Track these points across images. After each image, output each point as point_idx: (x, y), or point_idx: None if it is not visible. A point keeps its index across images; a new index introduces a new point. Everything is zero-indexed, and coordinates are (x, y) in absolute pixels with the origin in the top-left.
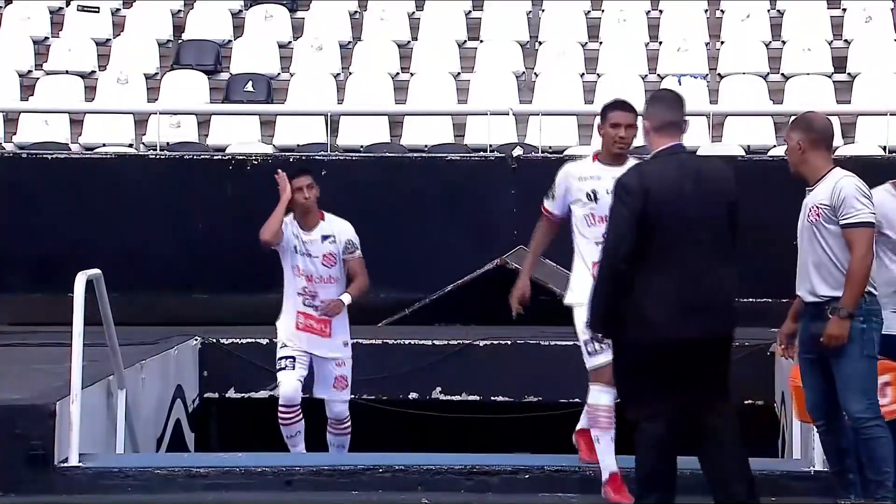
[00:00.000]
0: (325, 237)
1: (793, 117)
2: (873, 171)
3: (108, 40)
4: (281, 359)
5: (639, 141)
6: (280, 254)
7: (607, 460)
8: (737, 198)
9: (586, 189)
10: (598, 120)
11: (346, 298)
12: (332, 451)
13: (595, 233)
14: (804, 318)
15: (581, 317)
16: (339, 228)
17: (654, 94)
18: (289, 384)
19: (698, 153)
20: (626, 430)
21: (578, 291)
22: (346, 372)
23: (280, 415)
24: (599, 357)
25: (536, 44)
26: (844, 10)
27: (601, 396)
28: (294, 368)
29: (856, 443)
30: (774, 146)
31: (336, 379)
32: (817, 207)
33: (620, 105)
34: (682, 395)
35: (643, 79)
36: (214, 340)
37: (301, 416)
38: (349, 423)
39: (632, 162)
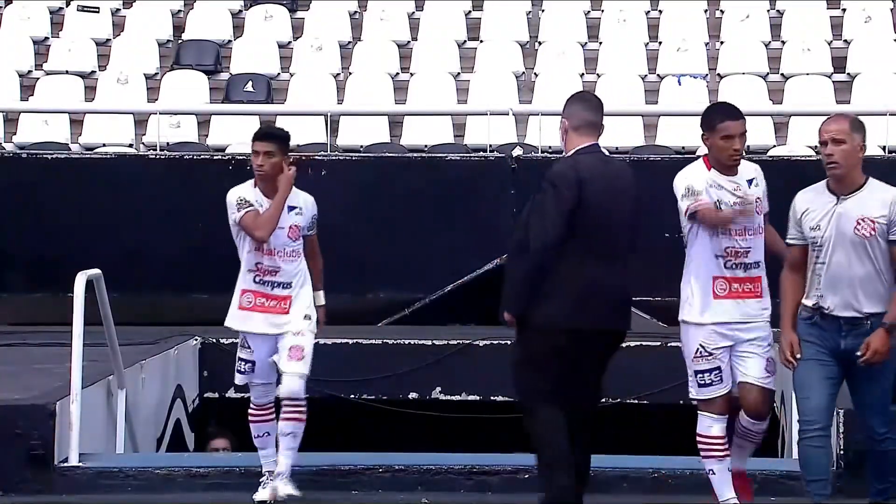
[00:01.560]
0: (290, 207)
1: (839, 115)
2: (873, 171)
3: (108, 40)
4: (241, 360)
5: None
6: (234, 233)
7: (726, 493)
8: (640, 195)
9: (713, 198)
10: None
11: (322, 298)
12: (281, 442)
13: (719, 244)
14: (827, 330)
15: (687, 337)
16: (304, 200)
17: (576, 95)
18: (257, 390)
19: (698, 153)
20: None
21: (697, 311)
22: (305, 343)
23: (250, 411)
24: (712, 389)
25: (536, 44)
26: (844, 10)
27: (713, 426)
28: (255, 372)
29: (872, 456)
30: (774, 146)
31: (291, 349)
32: (872, 221)
33: (730, 113)
34: (577, 384)
35: (643, 79)
36: (214, 340)
37: (273, 415)
38: (303, 407)
39: (743, 164)
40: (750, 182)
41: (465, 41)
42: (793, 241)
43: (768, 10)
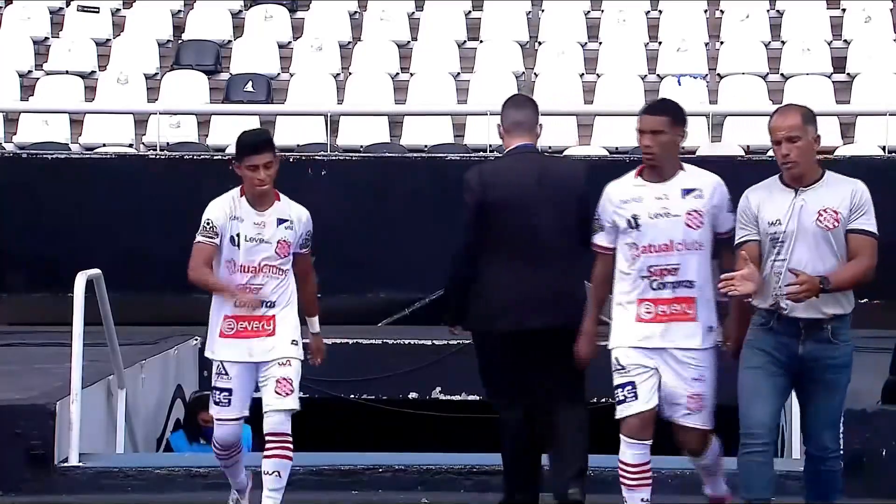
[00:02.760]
0: (281, 221)
1: (788, 109)
2: (873, 171)
3: (108, 40)
4: (217, 390)
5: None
6: None
7: None
8: (585, 193)
9: (626, 214)
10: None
11: (316, 325)
12: (265, 482)
13: (640, 267)
14: (783, 334)
15: (614, 357)
16: (297, 213)
17: (509, 98)
18: (225, 428)
19: (697, 153)
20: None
21: (618, 335)
22: (293, 374)
23: (216, 452)
24: (624, 407)
25: (536, 44)
26: (844, 10)
27: (625, 451)
28: (230, 405)
29: (813, 474)
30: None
31: (278, 382)
32: (835, 212)
33: (647, 108)
34: (531, 388)
35: (643, 79)
36: None
37: (240, 452)
38: (290, 444)
39: (689, 171)
40: (687, 192)
41: (465, 41)
42: (746, 238)
43: (768, 11)
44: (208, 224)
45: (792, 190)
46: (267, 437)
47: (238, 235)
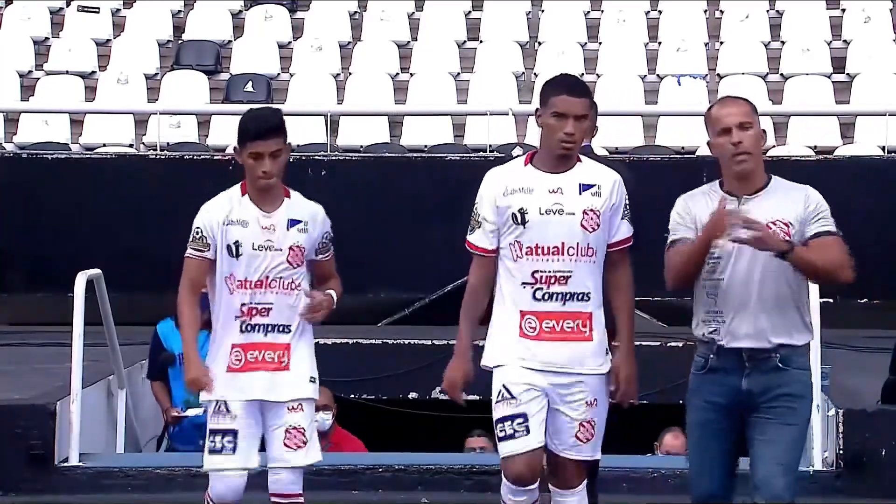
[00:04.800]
0: (293, 222)
1: (729, 97)
2: (873, 171)
3: (108, 40)
4: (216, 433)
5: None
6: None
7: None
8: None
9: (513, 207)
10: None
11: (333, 296)
12: None
13: (524, 270)
14: (722, 370)
15: (499, 381)
16: (311, 212)
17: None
18: (229, 482)
19: (697, 153)
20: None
21: (499, 351)
22: (306, 422)
23: None
24: (511, 444)
25: (536, 44)
26: (843, 10)
27: (510, 499)
28: (235, 451)
29: None
30: (773, 146)
31: (288, 432)
32: (786, 225)
33: (566, 86)
34: None
35: (642, 79)
36: None
37: None
38: None
39: (587, 164)
40: (586, 188)
41: (464, 41)
42: (684, 238)
43: (768, 11)
44: (198, 233)
45: (734, 199)
46: (273, 499)
47: (237, 243)
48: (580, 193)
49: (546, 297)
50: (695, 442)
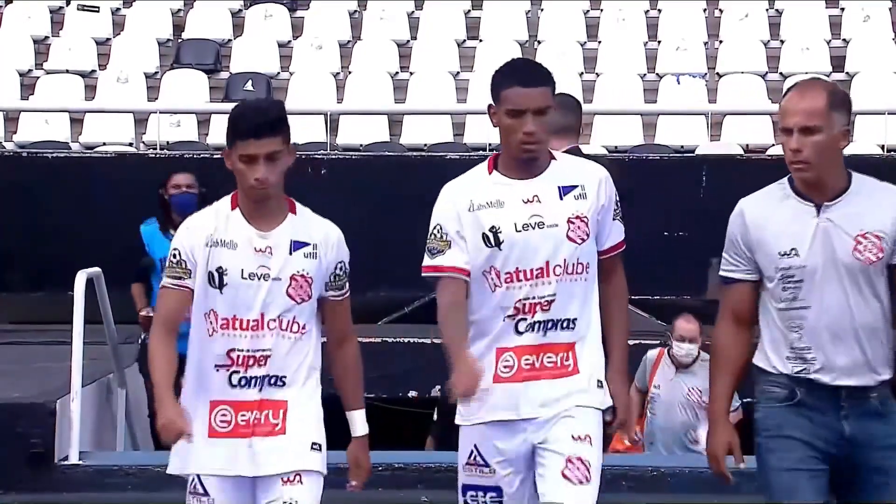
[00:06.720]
0: (297, 244)
1: (811, 85)
2: (872, 170)
3: (108, 39)
4: None
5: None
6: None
7: None
8: None
9: (483, 225)
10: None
11: (360, 425)
12: None
13: (506, 301)
14: (817, 411)
15: (461, 438)
16: (324, 233)
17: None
18: None
19: (697, 152)
20: None
21: (474, 403)
22: (306, 498)
23: None
24: None
25: (535, 43)
26: (843, 9)
27: None
28: None
29: None
30: (773, 145)
31: None
32: (878, 238)
33: (517, 76)
34: None
35: (642, 78)
36: None
37: None
38: None
39: (563, 161)
40: (567, 191)
41: (464, 40)
42: (736, 274)
43: (767, 10)
44: (175, 256)
45: (811, 205)
46: None
47: (221, 270)
48: (561, 198)
49: (527, 328)
50: (784, 485)
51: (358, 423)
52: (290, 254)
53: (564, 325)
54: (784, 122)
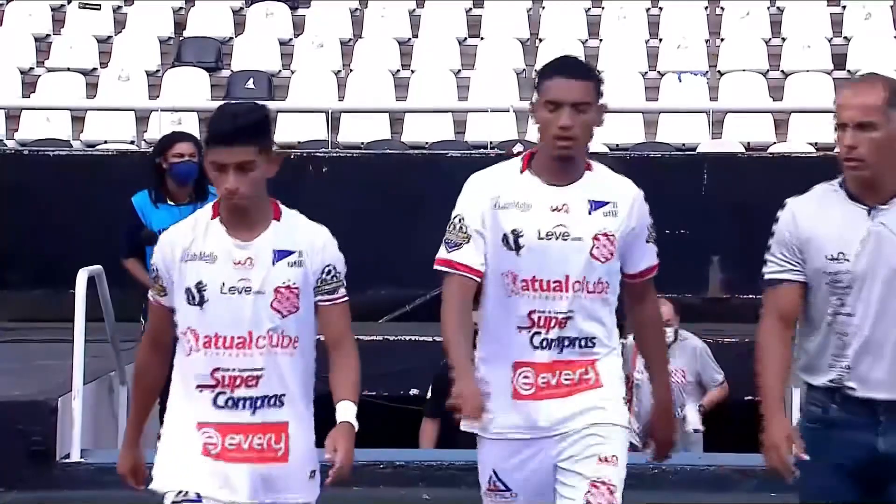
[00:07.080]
0: (280, 254)
1: (868, 80)
2: None
3: (109, 37)
4: None
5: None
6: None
7: None
8: None
9: (505, 226)
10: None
11: (347, 412)
12: None
13: (520, 309)
14: (851, 426)
15: (480, 455)
16: (309, 238)
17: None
18: None
19: (698, 150)
20: None
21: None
22: None
23: None
24: None
25: (537, 41)
26: (844, 7)
27: None
28: None
29: None
30: (774, 143)
31: None
32: None
33: (563, 68)
34: None
35: (643, 76)
36: None
37: None
38: None
39: (599, 172)
40: (598, 205)
41: (465, 38)
42: (784, 274)
43: (768, 8)
44: (154, 272)
45: (863, 207)
46: None
47: (200, 286)
48: (591, 213)
49: (543, 344)
50: (811, 492)
51: (344, 411)
52: (273, 264)
53: (582, 343)
54: (839, 117)
